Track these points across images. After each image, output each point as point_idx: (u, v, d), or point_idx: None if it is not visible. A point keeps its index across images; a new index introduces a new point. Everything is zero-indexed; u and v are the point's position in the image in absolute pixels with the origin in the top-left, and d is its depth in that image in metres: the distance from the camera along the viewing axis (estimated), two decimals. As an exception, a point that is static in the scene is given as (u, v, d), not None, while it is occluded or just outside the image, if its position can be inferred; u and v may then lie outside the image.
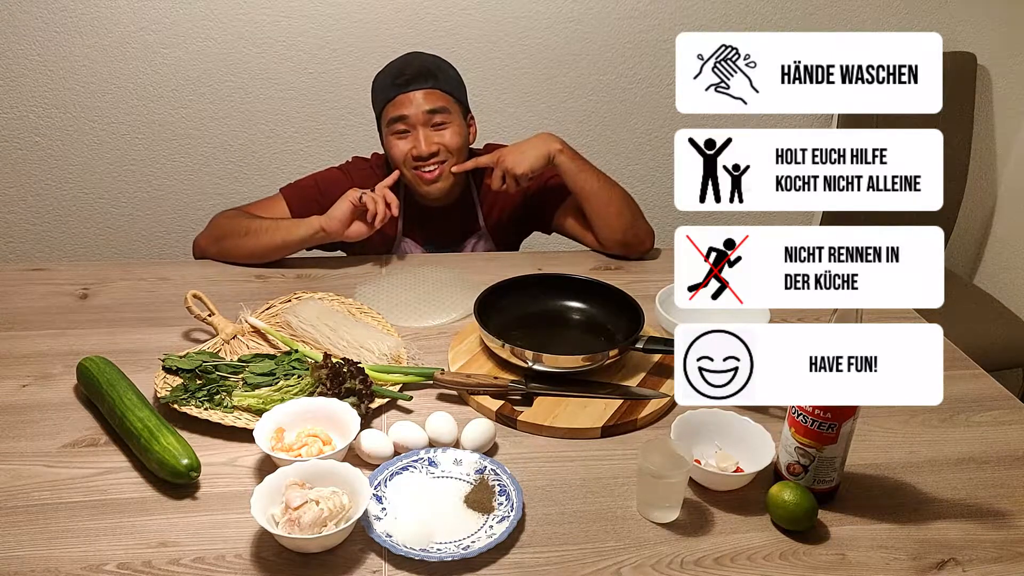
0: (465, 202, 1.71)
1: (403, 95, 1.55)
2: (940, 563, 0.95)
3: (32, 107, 2.13)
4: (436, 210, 1.68)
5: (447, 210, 1.68)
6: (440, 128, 1.57)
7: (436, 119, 1.56)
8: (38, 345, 1.30)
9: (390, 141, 1.59)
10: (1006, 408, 1.23)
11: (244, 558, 0.92)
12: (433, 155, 1.56)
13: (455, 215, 1.70)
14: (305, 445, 1.05)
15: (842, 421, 0.96)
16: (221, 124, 2.21)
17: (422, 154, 1.55)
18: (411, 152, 1.56)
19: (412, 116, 1.55)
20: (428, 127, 1.56)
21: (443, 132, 1.57)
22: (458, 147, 1.59)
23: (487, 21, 2.17)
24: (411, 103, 1.55)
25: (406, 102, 1.55)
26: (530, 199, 1.71)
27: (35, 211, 2.27)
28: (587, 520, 0.99)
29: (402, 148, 1.57)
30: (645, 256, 1.65)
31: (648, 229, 1.65)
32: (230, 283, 1.51)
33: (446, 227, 1.71)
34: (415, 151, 1.56)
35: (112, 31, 2.07)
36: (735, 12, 2.25)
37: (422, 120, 1.55)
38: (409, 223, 1.69)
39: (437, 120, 1.56)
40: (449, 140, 1.57)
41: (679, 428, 1.07)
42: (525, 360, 1.21)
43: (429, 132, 1.56)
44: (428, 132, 1.56)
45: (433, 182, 1.59)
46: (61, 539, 0.94)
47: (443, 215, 1.69)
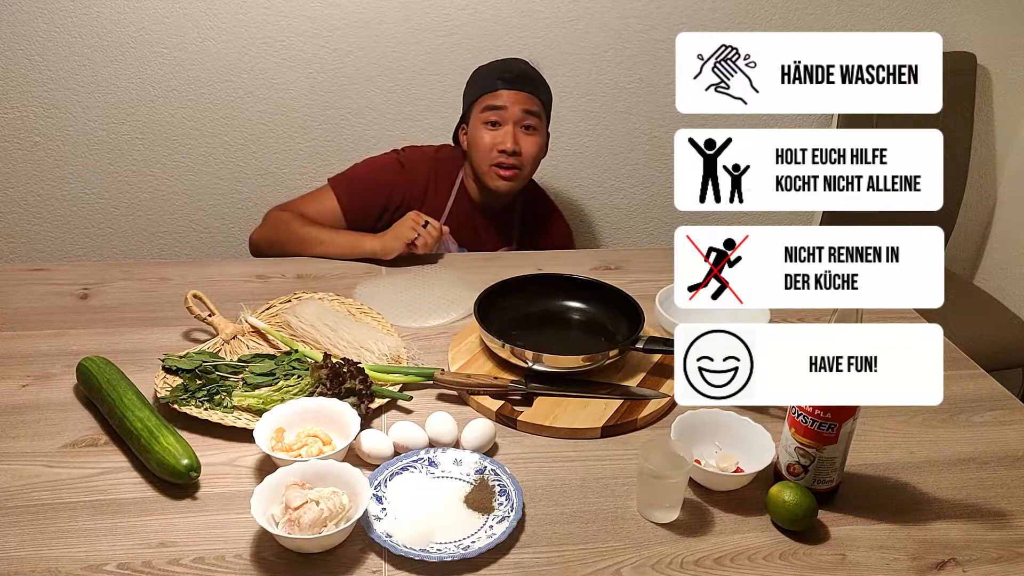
0: (507, 217, 1.80)
1: (506, 91, 1.65)
2: (940, 563, 0.95)
3: (32, 107, 2.13)
4: (480, 212, 1.76)
5: (491, 214, 1.77)
6: (529, 132, 1.66)
7: (528, 121, 1.65)
8: (38, 345, 1.30)
9: (479, 129, 1.66)
10: (1006, 408, 1.23)
11: (244, 558, 0.92)
12: (515, 154, 1.64)
13: (496, 222, 1.78)
14: (305, 445, 1.05)
15: (842, 421, 0.96)
16: (221, 124, 2.21)
17: (507, 149, 1.63)
18: (498, 145, 1.64)
19: (509, 111, 1.64)
20: (519, 127, 1.65)
21: (530, 138, 1.67)
22: (535, 158, 1.69)
23: (487, 21, 2.17)
24: (512, 100, 1.64)
25: (507, 97, 1.64)
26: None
27: (35, 211, 2.27)
28: (587, 520, 0.99)
29: (490, 139, 1.65)
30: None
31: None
32: (230, 283, 1.51)
33: (485, 231, 1.78)
34: (502, 145, 1.64)
35: (112, 31, 2.07)
36: (735, 12, 2.24)
37: (517, 118, 1.64)
38: (453, 217, 1.75)
39: (529, 123, 1.66)
40: (532, 149, 1.67)
41: (679, 428, 1.07)
42: (525, 360, 1.21)
43: (519, 132, 1.65)
44: (518, 132, 1.65)
45: (504, 180, 1.66)
46: (61, 539, 0.94)
47: (486, 218, 1.77)
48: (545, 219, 1.87)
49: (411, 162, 1.74)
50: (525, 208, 1.82)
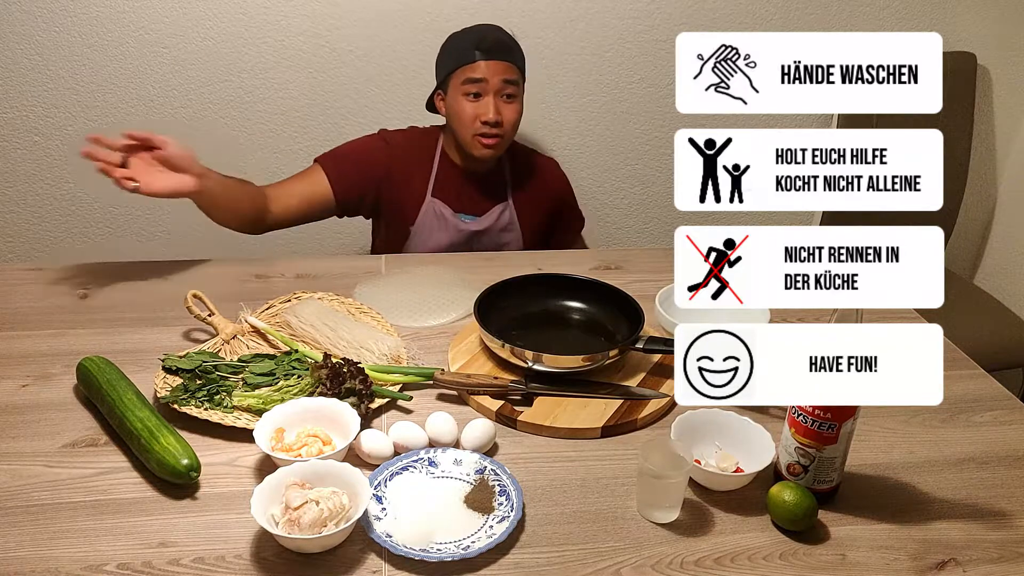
0: (496, 176, 1.81)
1: (485, 61, 1.65)
2: (940, 563, 0.95)
3: (32, 107, 2.13)
4: (466, 175, 1.78)
5: (477, 176, 1.79)
6: (509, 101, 1.67)
7: (508, 90, 1.66)
8: (38, 345, 1.30)
9: (460, 101, 1.67)
10: (1006, 408, 1.23)
11: (244, 558, 0.92)
12: (498, 124, 1.66)
13: (485, 183, 1.80)
14: (305, 445, 1.05)
15: (842, 421, 0.96)
16: (221, 124, 2.21)
17: (490, 120, 1.64)
18: (480, 116, 1.65)
19: (489, 83, 1.64)
20: (499, 96, 1.66)
21: (510, 106, 1.68)
22: (515, 123, 1.71)
23: (486, 21, 2.17)
24: (491, 70, 1.64)
25: (486, 68, 1.64)
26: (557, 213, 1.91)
27: (35, 211, 2.27)
28: (587, 520, 0.99)
29: (472, 110, 1.66)
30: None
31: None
32: (230, 283, 1.51)
33: (474, 192, 1.80)
34: (484, 116, 1.65)
35: (112, 31, 2.07)
36: (735, 12, 2.24)
37: (496, 88, 1.65)
38: (439, 186, 1.77)
39: (508, 91, 1.67)
40: (513, 116, 1.69)
41: (679, 428, 1.07)
42: (525, 360, 1.21)
43: (500, 102, 1.66)
44: (499, 101, 1.66)
45: (488, 150, 1.68)
46: (61, 539, 0.94)
47: (473, 180, 1.79)
48: (535, 169, 1.88)
49: (392, 137, 1.78)
50: (513, 163, 1.84)
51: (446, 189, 1.78)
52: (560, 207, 1.93)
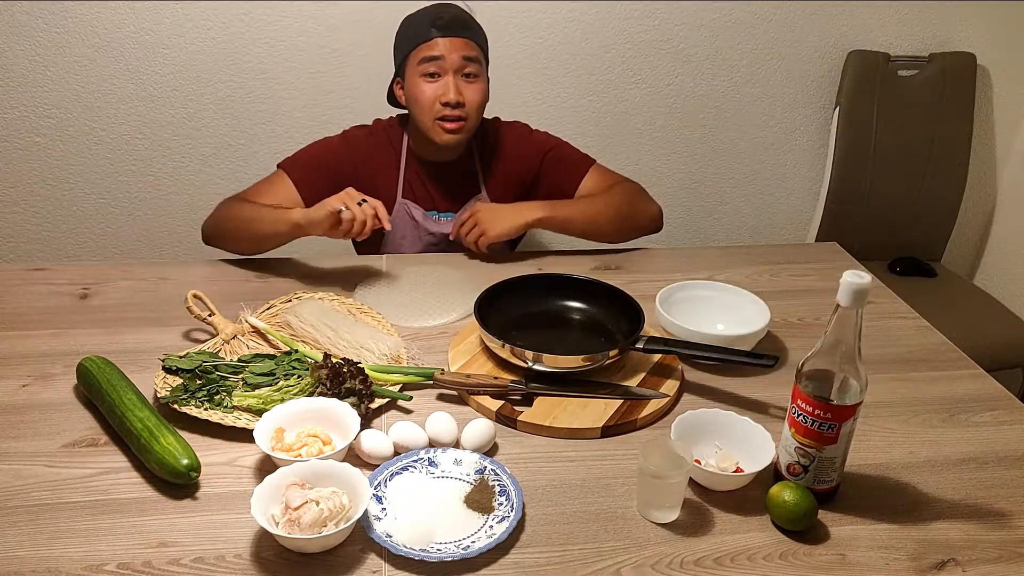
0: (465, 165, 1.71)
1: (441, 39, 1.55)
2: (940, 563, 0.95)
3: (32, 107, 2.13)
4: (435, 170, 1.68)
5: (446, 171, 1.69)
6: (470, 80, 1.57)
7: (468, 68, 1.56)
8: (38, 345, 1.30)
9: (418, 83, 1.57)
10: (1006, 408, 1.23)
11: (244, 558, 0.92)
12: (459, 105, 1.56)
13: (455, 177, 1.70)
14: (305, 445, 1.05)
15: (842, 421, 0.96)
16: (221, 124, 2.21)
17: (450, 101, 1.54)
18: (440, 97, 1.55)
19: (448, 60, 1.54)
20: (459, 76, 1.56)
21: (472, 86, 1.57)
22: (480, 105, 1.60)
23: (487, 22, 2.16)
24: (449, 47, 1.54)
25: (444, 45, 1.54)
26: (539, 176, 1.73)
27: (35, 211, 2.27)
28: (587, 520, 0.99)
29: (431, 92, 1.56)
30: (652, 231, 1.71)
31: (652, 213, 1.69)
32: (230, 283, 1.51)
33: (446, 189, 1.70)
34: (444, 97, 1.55)
35: (112, 31, 2.07)
36: (735, 12, 2.24)
37: (456, 66, 1.55)
38: (408, 186, 1.69)
39: (469, 70, 1.56)
40: (475, 96, 1.58)
41: (679, 428, 1.07)
42: (525, 360, 1.21)
43: (460, 81, 1.56)
44: (459, 81, 1.56)
45: (450, 134, 1.58)
46: (61, 539, 0.94)
47: (442, 176, 1.69)
48: (503, 146, 1.73)
49: (355, 137, 1.68)
50: (481, 148, 1.72)
51: (415, 188, 1.69)
52: (538, 171, 1.72)
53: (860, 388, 0.95)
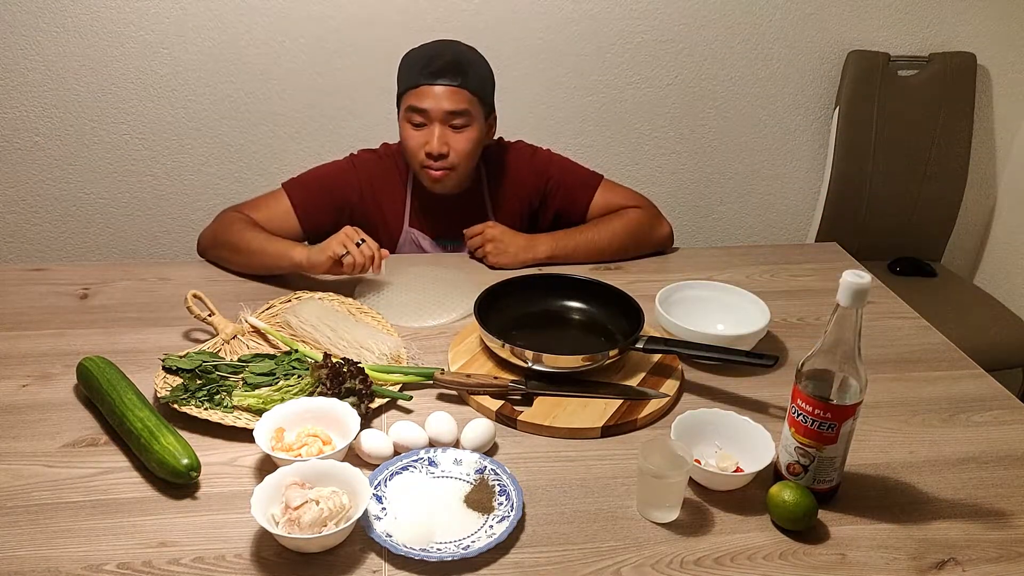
0: (474, 194, 1.69)
1: (428, 87, 1.51)
2: (940, 563, 0.95)
3: (32, 107, 2.13)
4: (443, 201, 1.65)
5: (455, 201, 1.66)
6: (458, 130, 1.53)
7: (455, 121, 1.52)
8: (38, 345, 1.30)
9: (405, 128, 1.55)
10: (1006, 408, 1.23)
11: (244, 558, 0.92)
12: (443, 156, 1.53)
13: (463, 207, 1.68)
14: (305, 445, 1.05)
15: (842, 421, 0.96)
16: (221, 124, 2.21)
17: (433, 152, 1.52)
18: (424, 147, 1.53)
19: (432, 111, 1.51)
20: (446, 126, 1.53)
21: (459, 136, 1.53)
22: (468, 153, 1.56)
23: (487, 22, 2.17)
24: (434, 98, 1.50)
25: (430, 95, 1.50)
26: (547, 198, 1.71)
27: (35, 211, 2.27)
28: (587, 520, 0.99)
29: (416, 140, 1.54)
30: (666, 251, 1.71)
31: (661, 237, 1.68)
32: (230, 283, 1.51)
33: (454, 218, 1.68)
34: (427, 147, 1.52)
35: (112, 31, 2.07)
36: (735, 12, 2.25)
37: (441, 118, 1.51)
38: (416, 214, 1.67)
39: (456, 123, 1.53)
40: (462, 146, 1.54)
41: (679, 428, 1.07)
42: (525, 360, 1.21)
43: (445, 131, 1.53)
44: (444, 131, 1.52)
45: (436, 182, 1.57)
46: (61, 539, 0.94)
47: (451, 206, 1.66)
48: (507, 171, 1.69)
49: (362, 161, 1.66)
50: (489, 175, 1.68)
51: (422, 216, 1.67)
52: (544, 193, 1.70)
53: (860, 388, 0.95)
